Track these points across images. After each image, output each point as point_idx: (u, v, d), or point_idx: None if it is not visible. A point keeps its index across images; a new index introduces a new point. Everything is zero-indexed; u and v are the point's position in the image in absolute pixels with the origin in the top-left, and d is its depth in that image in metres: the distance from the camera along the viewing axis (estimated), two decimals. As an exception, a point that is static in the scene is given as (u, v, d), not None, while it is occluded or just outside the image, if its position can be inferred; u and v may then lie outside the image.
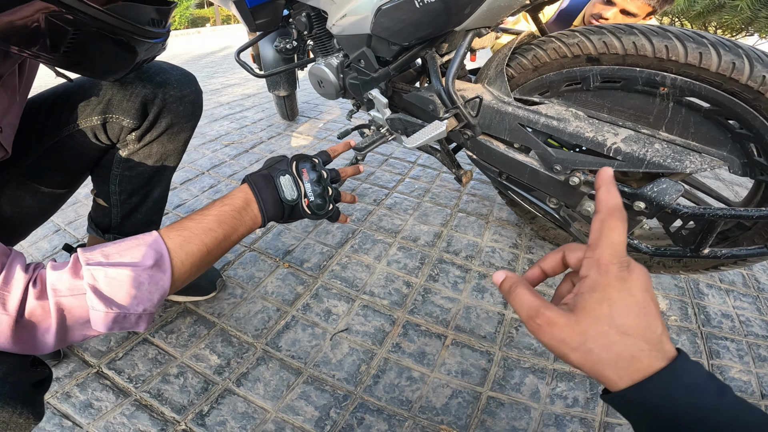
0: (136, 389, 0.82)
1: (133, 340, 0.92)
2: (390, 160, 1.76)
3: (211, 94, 2.80)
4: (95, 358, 0.88)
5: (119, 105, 0.75)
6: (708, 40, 0.64)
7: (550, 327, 0.30)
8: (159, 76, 0.77)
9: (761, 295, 1.15)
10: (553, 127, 0.78)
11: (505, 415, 0.81)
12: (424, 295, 1.06)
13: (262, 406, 0.80)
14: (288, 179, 0.61)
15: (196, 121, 0.87)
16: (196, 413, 0.78)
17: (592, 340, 0.29)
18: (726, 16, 3.78)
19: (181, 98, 0.79)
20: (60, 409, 0.78)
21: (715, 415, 0.27)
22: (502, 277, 0.35)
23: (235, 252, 1.19)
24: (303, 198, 0.61)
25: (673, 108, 0.70)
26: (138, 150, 0.81)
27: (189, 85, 0.81)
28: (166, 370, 0.86)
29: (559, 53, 0.77)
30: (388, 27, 0.91)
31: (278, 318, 0.99)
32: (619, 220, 0.30)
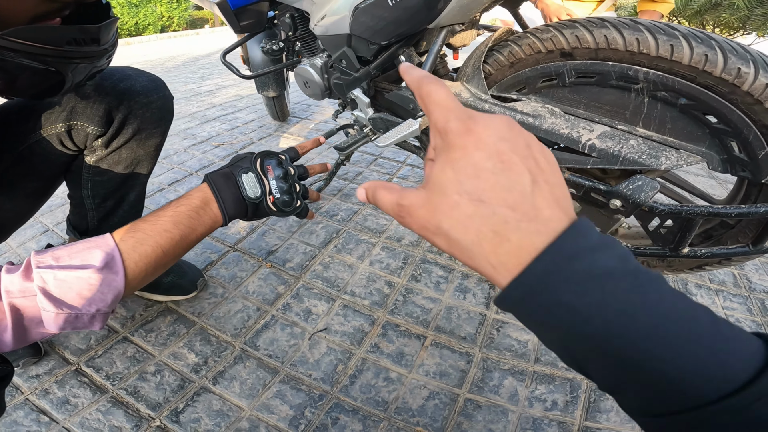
0: (113, 386, 0.82)
1: (112, 338, 0.92)
2: (379, 160, 1.75)
3: (204, 95, 2.80)
4: (75, 356, 0.88)
5: (83, 112, 0.75)
6: (679, 32, 0.62)
7: (410, 215, 0.25)
8: (123, 83, 0.77)
9: (752, 296, 1.13)
10: (529, 124, 0.77)
11: (482, 417, 0.79)
12: (406, 295, 1.05)
13: (237, 404, 0.80)
14: (251, 177, 0.60)
15: (166, 127, 0.86)
16: (171, 410, 0.78)
17: (444, 217, 0.23)
18: (723, 15, 3.76)
19: (147, 104, 0.79)
20: (38, 405, 0.79)
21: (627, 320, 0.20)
22: (363, 192, 0.30)
23: (218, 252, 1.19)
24: (268, 195, 0.60)
25: (648, 103, 0.69)
26: (106, 156, 0.81)
27: (156, 91, 0.81)
28: (143, 368, 0.86)
29: (534, 49, 0.76)
30: (366, 26, 0.90)
31: (258, 317, 0.98)
32: (431, 83, 0.26)
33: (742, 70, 0.60)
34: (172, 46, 5.97)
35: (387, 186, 0.29)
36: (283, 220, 1.33)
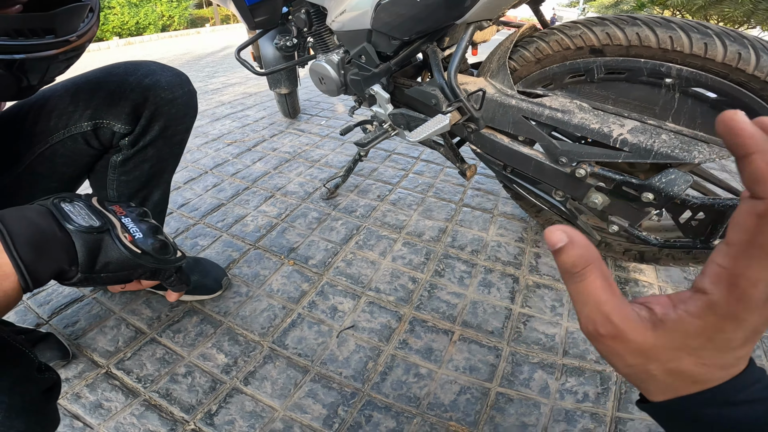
0: (145, 389, 0.82)
1: (140, 339, 0.92)
2: (393, 155, 1.76)
3: (212, 93, 2.80)
4: (104, 358, 0.88)
5: (109, 110, 0.73)
6: (712, 30, 0.63)
7: (614, 341, 0.22)
8: (148, 78, 0.74)
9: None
10: (558, 119, 0.78)
11: (515, 411, 0.80)
12: (430, 290, 1.06)
13: (270, 404, 0.80)
14: (78, 206, 0.46)
15: (191, 123, 0.85)
16: (205, 413, 0.78)
17: (657, 365, 0.22)
18: (727, 9, 3.74)
19: (173, 100, 0.77)
20: (70, 409, 0.78)
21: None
22: (563, 240, 0.22)
23: (239, 250, 1.20)
24: (120, 231, 0.47)
25: (679, 99, 0.70)
26: (133, 155, 0.80)
27: (181, 86, 0.79)
28: (174, 369, 0.86)
29: (562, 45, 0.77)
30: (388, 22, 0.90)
31: (284, 316, 0.99)
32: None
33: (776, 67, 0.61)
34: (173, 46, 5.95)
35: (606, 275, 0.22)
36: (301, 216, 1.34)
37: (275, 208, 1.39)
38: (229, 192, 1.49)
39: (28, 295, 1.03)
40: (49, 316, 0.97)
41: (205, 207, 1.40)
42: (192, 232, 1.28)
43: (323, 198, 1.44)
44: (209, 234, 1.27)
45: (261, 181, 1.56)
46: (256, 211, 1.37)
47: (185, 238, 1.25)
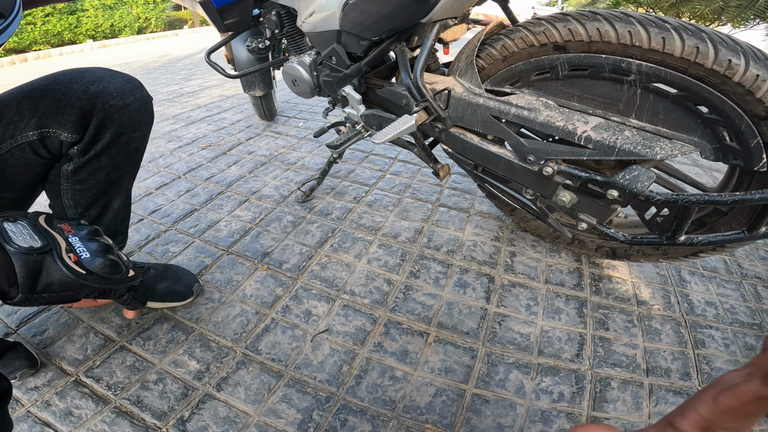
0: (116, 396, 0.80)
1: (110, 347, 0.90)
2: (371, 156, 1.74)
3: (188, 96, 2.74)
4: (73, 366, 0.86)
5: (54, 118, 0.70)
6: (670, 24, 0.63)
7: None
8: (95, 85, 0.72)
9: (744, 281, 1.15)
10: (524, 117, 0.78)
11: (491, 412, 0.80)
12: (406, 292, 1.05)
13: (244, 410, 0.79)
14: (21, 226, 0.46)
15: (146, 129, 0.82)
16: (177, 419, 0.77)
17: None
18: (698, 6, 3.83)
19: (123, 107, 0.75)
20: (41, 417, 0.77)
21: None
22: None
23: (212, 256, 1.17)
24: (63, 252, 0.47)
25: (641, 94, 0.70)
26: (85, 164, 0.77)
27: (132, 92, 0.76)
28: (144, 376, 0.84)
29: (527, 42, 0.76)
30: (356, 22, 0.89)
31: (257, 321, 0.97)
32: None
33: (733, 62, 0.61)
34: (150, 48, 5.84)
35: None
36: (276, 220, 1.32)
37: (250, 213, 1.36)
38: (203, 197, 1.46)
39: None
40: (17, 326, 0.95)
41: (178, 213, 1.37)
42: (163, 239, 1.25)
43: (298, 201, 1.42)
44: (181, 240, 1.24)
45: (236, 185, 1.53)
46: (230, 216, 1.35)
47: (156, 245, 1.22)
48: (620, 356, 0.91)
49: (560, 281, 1.10)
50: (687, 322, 1.00)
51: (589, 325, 0.98)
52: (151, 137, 1.98)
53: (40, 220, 0.49)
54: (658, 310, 1.03)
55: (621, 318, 1.00)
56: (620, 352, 0.92)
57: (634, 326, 0.98)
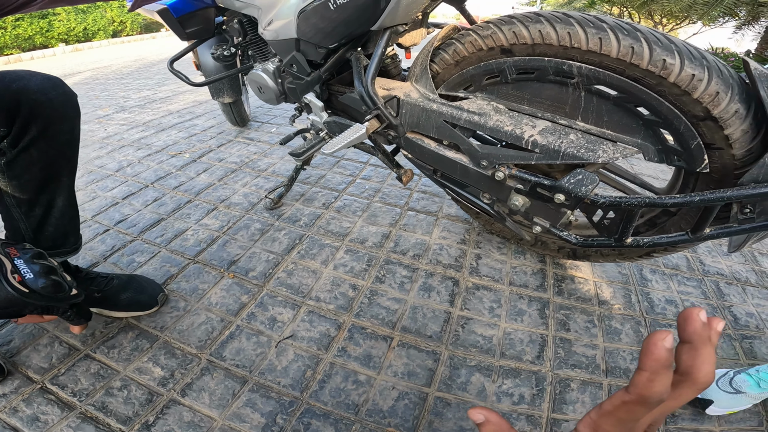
0: (81, 402, 0.81)
1: (74, 356, 0.90)
2: (342, 161, 1.74)
3: (160, 102, 2.70)
4: (38, 374, 0.86)
5: None
6: (607, 24, 0.64)
7: None
8: (16, 83, 0.75)
9: (707, 278, 1.17)
10: (475, 122, 0.79)
11: (452, 415, 0.80)
12: (371, 297, 1.05)
13: (209, 414, 0.79)
14: None
15: (73, 123, 0.84)
16: (142, 423, 0.78)
17: None
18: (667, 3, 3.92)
19: (46, 102, 0.77)
20: (9, 422, 0.78)
21: None
22: (481, 419, 0.28)
23: (178, 265, 1.16)
24: (9, 273, 0.52)
25: (585, 97, 0.71)
26: (16, 156, 0.79)
27: (54, 88, 0.79)
28: (109, 383, 0.85)
29: (476, 46, 0.77)
30: (311, 30, 0.89)
31: (222, 328, 0.97)
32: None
33: (668, 62, 0.62)
34: (125, 52, 5.74)
35: None
36: (244, 227, 1.31)
37: (217, 221, 1.35)
38: (170, 206, 1.44)
39: None
40: None
41: (144, 222, 1.35)
42: (129, 249, 1.23)
43: (267, 208, 1.41)
44: (147, 250, 1.22)
45: (204, 194, 1.51)
46: (198, 225, 1.33)
47: (122, 255, 1.20)
48: (580, 357, 0.92)
49: (524, 283, 1.11)
50: (647, 321, 1.03)
51: (550, 326, 0.99)
52: (119, 146, 1.95)
53: None
54: (618, 309, 1.05)
55: (582, 318, 1.02)
56: (580, 353, 0.93)
57: (594, 326, 1.00)
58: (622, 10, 4.99)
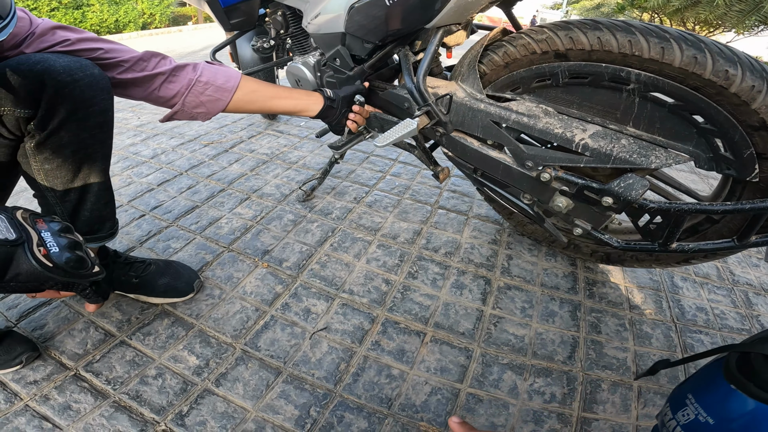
0: (115, 391, 0.81)
1: (109, 342, 0.91)
2: (371, 157, 1.76)
3: (191, 93, 2.75)
4: (72, 360, 0.86)
5: (6, 96, 0.72)
6: (670, 34, 0.64)
7: None
8: (39, 65, 0.73)
9: (736, 288, 1.17)
10: (524, 123, 0.79)
11: (484, 411, 0.81)
12: (404, 292, 1.07)
13: (242, 405, 0.80)
14: (0, 219, 0.50)
15: (104, 106, 0.82)
16: (176, 414, 0.78)
17: None
18: (701, 12, 3.85)
19: (73, 83, 0.75)
20: (39, 411, 0.77)
21: None
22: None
23: (213, 253, 1.18)
24: (35, 246, 0.51)
25: (639, 103, 0.71)
26: (46, 139, 0.78)
27: (81, 69, 0.77)
28: (144, 371, 0.85)
29: (529, 50, 0.78)
30: (361, 25, 0.91)
31: (257, 318, 0.98)
32: None
33: (730, 72, 0.63)
34: (154, 44, 5.85)
35: None
36: (277, 218, 1.33)
37: (251, 211, 1.38)
38: (204, 194, 1.47)
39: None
40: (17, 319, 0.95)
41: (179, 209, 1.38)
42: (165, 235, 1.26)
43: (299, 200, 1.43)
44: (182, 236, 1.25)
45: (237, 183, 1.54)
46: (231, 214, 1.36)
47: (158, 241, 1.23)
48: (611, 359, 0.92)
49: (555, 285, 1.11)
50: (677, 327, 1.02)
51: (582, 328, 0.99)
52: (153, 134, 1.99)
53: (17, 215, 0.52)
54: (649, 314, 1.05)
55: (613, 322, 1.02)
56: (611, 355, 0.93)
57: (625, 330, 1.00)
58: (653, 16, 4.90)
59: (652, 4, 4.37)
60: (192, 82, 0.90)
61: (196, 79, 0.90)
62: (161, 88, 0.88)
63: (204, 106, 0.94)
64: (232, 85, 0.94)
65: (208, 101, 0.93)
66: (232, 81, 0.94)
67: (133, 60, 0.84)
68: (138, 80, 0.86)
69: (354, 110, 1.08)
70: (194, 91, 0.91)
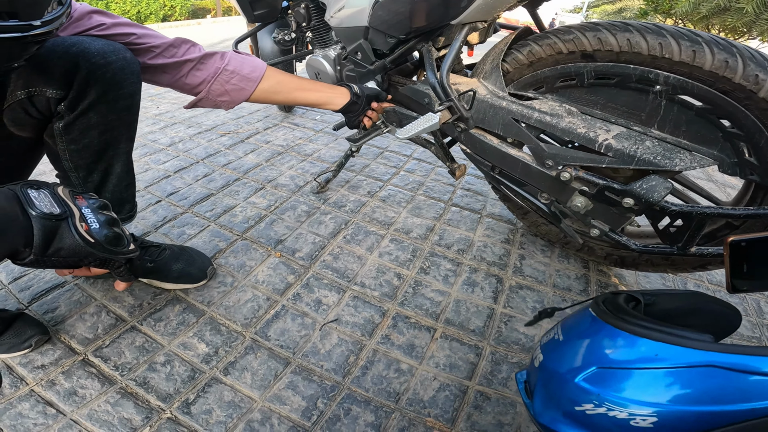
0: (122, 377, 0.81)
1: (120, 327, 0.91)
2: (385, 153, 1.76)
3: (208, 83, 2.77)
4: (82, 345, 0.87)
5: (39, 77, 0.73)
6: (702, 38, 0.64)
7: None
8: (75, 47, 0.74)
9: (748, 296, 1.15)
10: (546, 122, 0.79)
11: (492, 409, 0.81)
12: (415, 287, 1.07)
13: (249, 395, 0.80)
14: (43, 194, 0.50)
15: (133, 89, 0.84)
16: (182, 401, 0.78)
17: None
18: (729, 19, 3.78)
19: (106, 65, 0.76)
20: (44, 396, 0.77)
21: None
22: None
23: (226, 240, 1.19)
24: (78, 221, 0.51)
25: (665, 106, 0.71)
26: (74, 120, 0.79)
27: (114, 53, 0.78)
28: (153, 358, 0.85)
29: (555, 49, 0.77)
30: (386, 19, 0.91)
31: (268, 307, 0.99)
32: None
33: (760, 77, 0.62)
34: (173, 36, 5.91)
35: None
36: (291, 208, 1.34)
37: (265, 200, 1.39)
38: (220, 182, 1.48)
39: (8, 278, 1.02)
40: (29, 301, 0.96)
41: (195, 196, 1.40)
42: (180, 221, 1.27)
43: (313, 192, 1.44)
44: (197, 223, 1.26)
45: (252, 173, 1.56)
46: (246, 202, 1.37)
47: (172, 227, 1.25)
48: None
49: (567, 286, 1.11)
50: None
51: (595, 332, 0.98)
52: (171, 123, 2.01)
53: (59, 190, 0.53)
54: (664, 321, 1.04)
55: (627, 327, 1.00)
56: (625, 360, 0.92)
57: (639, 336, 0.98)
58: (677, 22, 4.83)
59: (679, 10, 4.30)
60: (219, 71, 0.91)
61: (223, 67, 0.91)
62: (188, 75, 0.89)
63: (228, 95, 0.95)
64: (257, 75, 0.95)
65: (233, 90, 0.94)
66: (258, 71, 0.95)
67: (164, 46, 0.86)
68: (167, 66, 0.87)
69: (372, 107, 1.10)
70: (220, 80, 0.92)
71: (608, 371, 0.46)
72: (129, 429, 0.73)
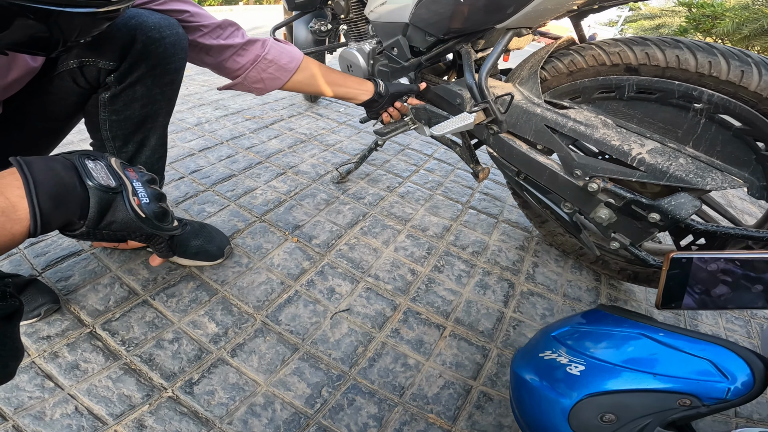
0: (128, 352, 0.80)
1: (132, 300, 0.91)
2: (407, 150, 1.77)
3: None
4: (91, 317, 0.85)
5: (94, 48, 0.74)
6: (752, 59, 0.64)
7: None
8: (134, 19, 0.75)
9: (753, 320, 1.15)
10: (580, 132, 0.79)
11: (493, 410, 0.81)
12: (428, 284, 1.07)
13: (254, 378, 0.80)
14: (99, 165, 0.49)
15: (180, 64, 0.84)
16: (185, 381, 0.77)
17: None
18: (772, 41, 3.73)
19: (160, 39, 0.77)
20: (44, 369, 0.75)
21: None
22: None
23: (245, 221, 1.21)
24: (131, 195, 0.50)
25: (704, 124, 0.70)
26: (121, 92, 0.80)
27: (169, 27, 0.79)
28: (161, 334, 0.84)
29: (598, 60, 0.78)
30: (428, 18, 0.91)
31: (281, 291, 0.99)
32: None
33: (803, 103, 0.62)
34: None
35: None
36: (310, 195, 1.35)
37: (285, 185, 1.40)
38: (242, 164, 1.50)
39: (26, 243, 1.01)
40: (43, 268, 0.95)
41: (217, 175, 1.41)
42: (201, 198, 1.29)
43: (334, 181, 1.45)
44: (217, 202, 1.28)
45: (274, 158, 1.57)
46: (266, 186, 1.39)
47: (193, 203, 1.26)
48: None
49: (578, 297, 1.11)
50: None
51: (604, 346, 0.98)
52: (199, 104, 2.04)
53: (113, 162, 0.52)
54: (674, 343, 1.03)
55: (637, 345, 1.00)
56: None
57: (649, 355, 0.98)
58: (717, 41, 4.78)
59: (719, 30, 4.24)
60: (258, 59, 0.93)
61: (263, 56, 0.93)
62: (230, 60, 0.92)
63: (263, 83, 0.97)
64: (293, 66, 0.97)
65: (268, 78, 0.97)
66: (294, 62, 0.98)
67: (212, 26, 0.87)
68: (211, 48, 0.89)
69: (395, 105, 1.12)
70: (258, 67, 0.94)
71: (576, 331, 0.60)
72: (127, 406, 0.72)
